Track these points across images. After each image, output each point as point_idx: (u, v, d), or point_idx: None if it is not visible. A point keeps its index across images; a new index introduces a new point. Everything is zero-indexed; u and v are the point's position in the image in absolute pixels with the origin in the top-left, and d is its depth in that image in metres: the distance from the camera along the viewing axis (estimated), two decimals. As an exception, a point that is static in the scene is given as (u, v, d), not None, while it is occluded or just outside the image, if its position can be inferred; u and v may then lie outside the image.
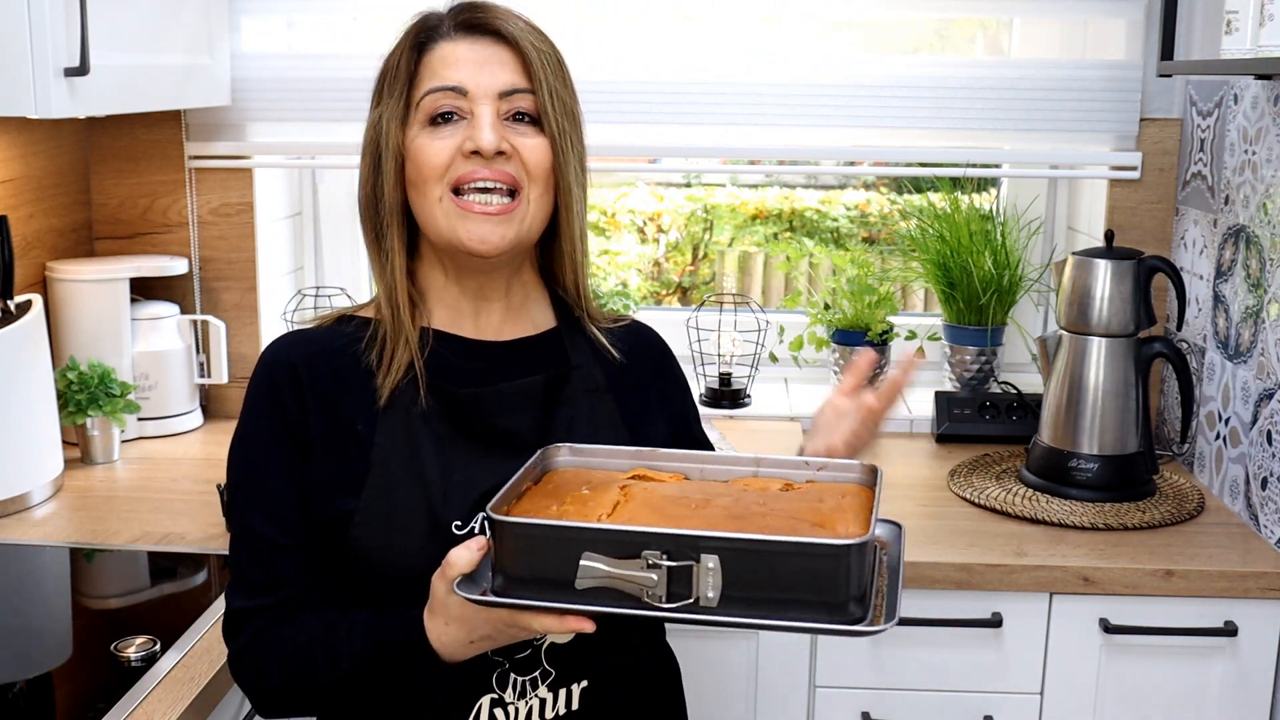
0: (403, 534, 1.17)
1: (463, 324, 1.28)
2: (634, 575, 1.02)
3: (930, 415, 2.33)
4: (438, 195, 1.20)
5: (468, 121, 1.20)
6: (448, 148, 1.19)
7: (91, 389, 2.03)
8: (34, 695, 1.39)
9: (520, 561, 1.05)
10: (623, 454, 1.22)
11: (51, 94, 1.64)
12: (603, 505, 1.10)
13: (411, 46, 1.22)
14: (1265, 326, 1.86)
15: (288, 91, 2.28)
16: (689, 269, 3.38)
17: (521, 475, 1.15)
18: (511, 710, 1.20)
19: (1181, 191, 2.22)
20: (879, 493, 1.13)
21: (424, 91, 1.20)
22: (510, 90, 1.21)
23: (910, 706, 1.81)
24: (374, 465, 1.19)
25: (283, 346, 1.25)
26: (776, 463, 1.22)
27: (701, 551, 1.01)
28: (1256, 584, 1.72)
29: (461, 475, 1.20)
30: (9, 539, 1.77)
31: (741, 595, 1.01)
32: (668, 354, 1.41)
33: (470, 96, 1.19)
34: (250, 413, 1.23)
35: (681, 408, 1.41)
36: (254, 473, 1.22)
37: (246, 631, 1.20)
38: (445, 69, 1.20)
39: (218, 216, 2.34)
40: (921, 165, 2.38)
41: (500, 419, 1.23)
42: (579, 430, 1.26)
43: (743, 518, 1.07)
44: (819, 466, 1.21)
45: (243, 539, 1.22)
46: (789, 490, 1.17)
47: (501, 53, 1.22)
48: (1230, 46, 1.72)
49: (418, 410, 1.21)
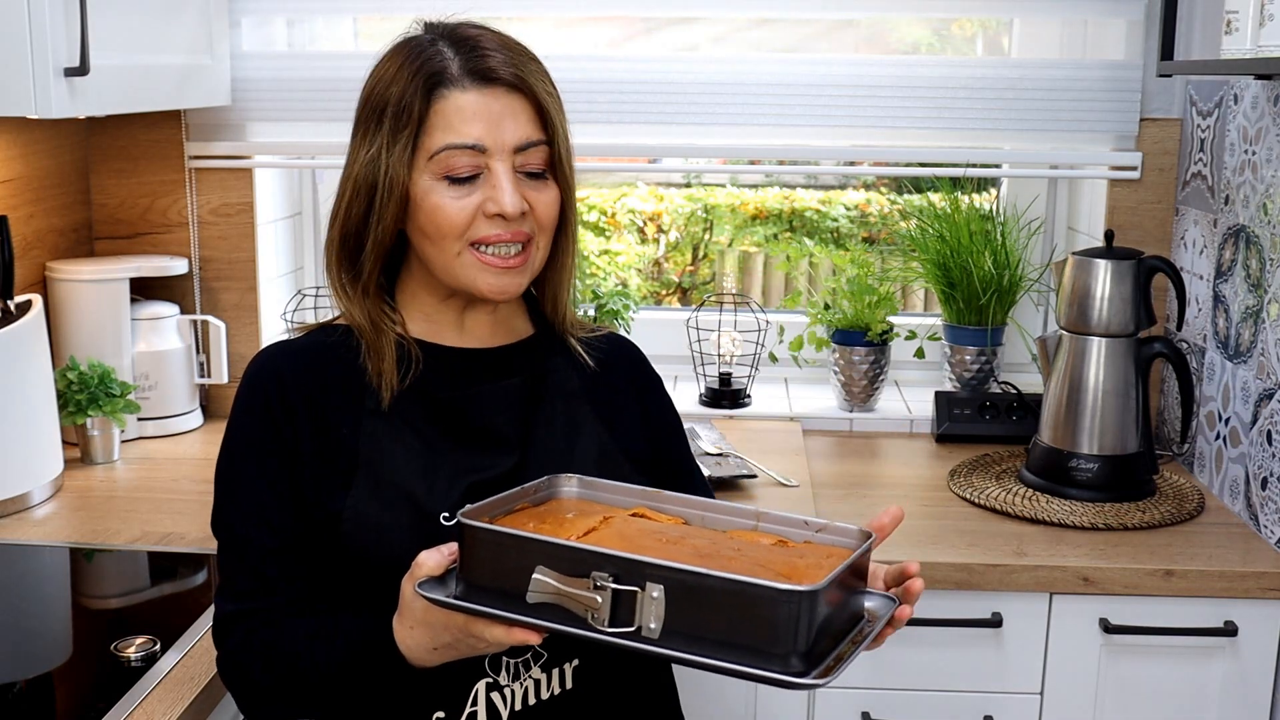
0: (391, 527, 1.20)
1: (444, 333, 1.30)
2: (580, 595, 1.01)
3: (930, 415, 2.33)
4: (456, 250, 1.22)
5: (483, 177, 1.21)
6: (468, 206, 1.20)
7: (91, 389, 2.03)
8: (34, 695, 1.39)
9: (481, 569, 1.06)
10: (630, 492, 1.23)
11: (51, 94, 1.64)
12: (577, 529, 1.11)
13: (421, 90, 1.20)
14: (1265, 326, 1.86)
15: (288, 91, 2.28)
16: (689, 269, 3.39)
17: (519, 493, 1.17)
18: (508, 693, 1.21)
19: (1181, 191, 2.22)
20: (857, 554, 1.07)
21: (440, 146, 1.19)
22: (526, 145, 1.22)
23: (910, 706, 1.81)
24: (360, 465, 1.21)
25: (267, 356, 1.27)
26: (777, 519, 1.19)
27: (648, 579, 1.00)
28: (1256, 584, 1.72)
29: (446, 470, 1.23)
30: (9, 539, 1.77)
31: (684, 630, 0.99)
32: (650, 373, 1.42)
33: (488, 153, 1.20)
34: (237, 420, 1.26)
35: (666, 434, 1.41)
36: (241, 478, 1.24)
37: (235, 635, 1.22)
38: (462, 124, 1.19)
39: (218, 216, 2.34)
40: (921, 165, 2.38)
41: (482, 419, 1.26)
42: (559, 428, 1.28)
43: (709, 558, 1.05)
44: (818, 528, 1.17)
45: (229, 545, 1.24)
46: (780, 545, 1.14)
47: (515, 103, 1.22)
48: (1230, 46, 1.72)
49: (401, 412, 1.24)
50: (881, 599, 1.12)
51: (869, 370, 2.35)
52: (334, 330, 1.29)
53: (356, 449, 1.22)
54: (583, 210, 3.28)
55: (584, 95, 2.24)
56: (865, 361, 2.34)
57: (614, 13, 2.34)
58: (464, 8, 2.39)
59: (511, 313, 1.35)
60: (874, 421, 2.36)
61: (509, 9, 2.26)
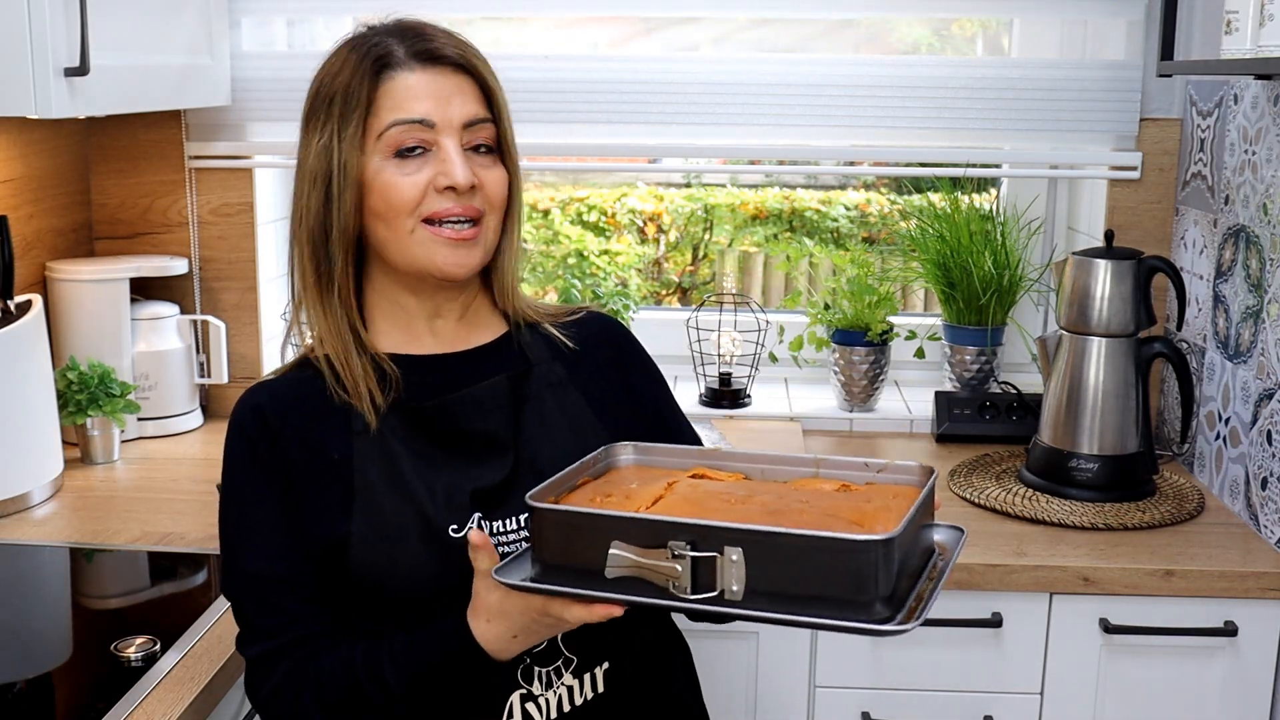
0: (401, 547, 1.19)
1: (418, 342, 1.29)
2: (659, 565, 1.02)
3: (930, 415, 2.33)
4: (410, 228, 1.21)
5: (433, 154, 1.21)
6: (419, 182, 1.21)
7: (91, 389, 2.03)
8: (34, 695, 1.39)
9: (555, 550, 1.07)
10: (688, 453, 1.24)
11: (51, 94, 1.64)
12: (645, 498, 1.11)
13: (368, 74, 1.21)
14: (1265, 326, 1.86)
15: (288, 91, 2.28)
16: (689, 269, 3.39)
17: (578, 468, 1.17)
18: (542, 702, 1.21)
19: (1181, 191, 2.22)
20: (925, 492, 1.10)
21: (388, 123, 1.20)
22: (473, 121, 1.23)
23: (910, 706, 1.81)
24: (358, 489, 1.21)
25: (249, 397, 1.27)
26: (836, 464, 1.21)
27: (725, 544, 1.01)
28: (1256, 584, 1.72)
29: (444, 482, 1.22)
30: (9, 539, 1.77)
31: (766, 590, 1.01)
32: (629, 341, 1.41)
33: (436, 129, 1.21)
34: (229, 463, 1.26)
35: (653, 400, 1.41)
36: (243, 518, 1.23)
37: (275, 676, 1.20)
38: (410, 101, 1.21)
39: (218, 216, 2.34)
40: (921, 165, 2.38)
41: (470, 423, 1.25)
42: (551, 423, 1.28)
43: (779, 514, 1.06)
44: (879, 468, 1.19)
45: (246, 589, 1.23)
46: (845, 490, 1.15)
47: (463, 83, 1.23)
48: (1230, 46, 1.72)
49: (390, 429, 1.23)
50: (947, 530, 1.14)
51: (869, 370, 2.35)
52: (310, 364, 1.28)
53: (351, 474, 1.21)
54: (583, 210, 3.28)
55: (584, 95, 2.24)
56: (865, 361, 2.34)
57: (614, 13, 2.34)
58: (463, 8, 2.40)
59: (480, 312, 1.33)
60: (874, 421, 2.36)
61: (509, 9, 2.26)
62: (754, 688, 1.83)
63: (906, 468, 1.18)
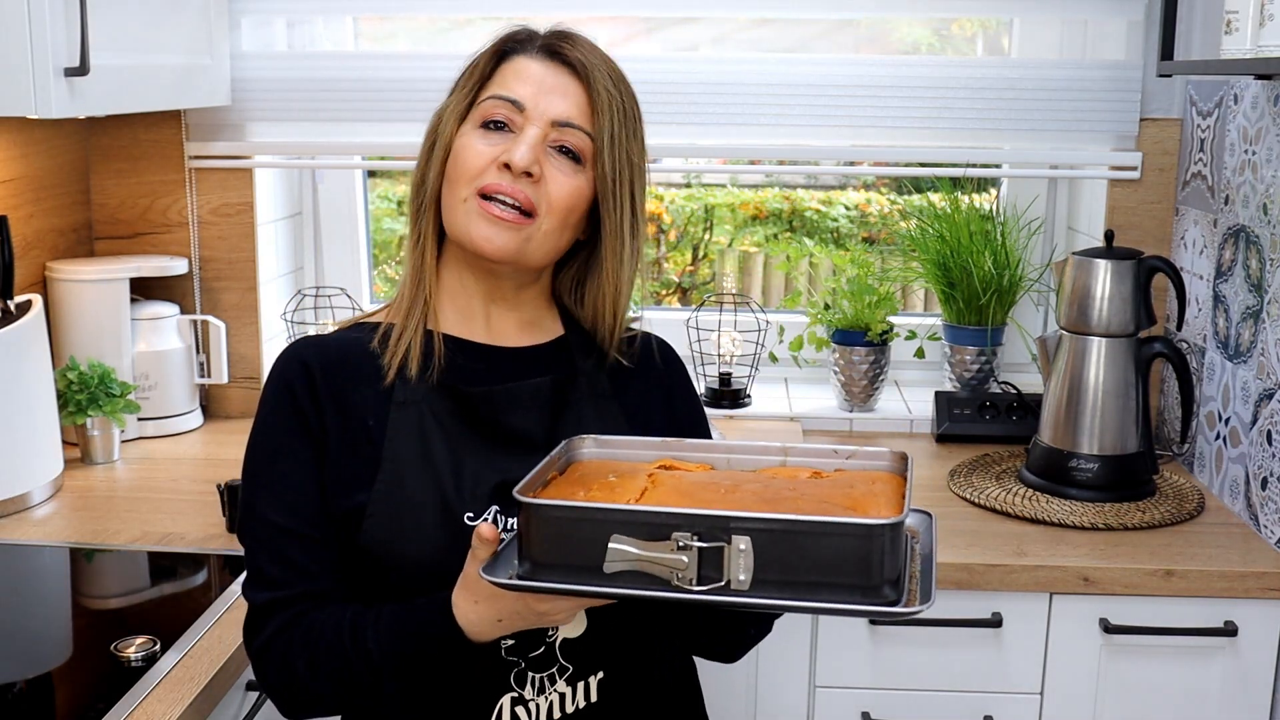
0: (415, 525, 1.19)
1: (474, 329, 1.30)
2: (664, 558, 1.01)
3: (930, 415, 2.33)
4: (463, 196, 1.22)
5: (514, 136, 1.22)
6: (487, 154, 1.22)
7: (91, 389, 2.03)
8: (34, 695, 1.39)
9: (548, 546, 1.05)
10: (648, 445, 1.23)
11: (51, 94, 1.64)
12: (630, 491, 1.10)
13: (495, 53, 1.26)
14: (1265, 326, 1.86)
15: (288, 91, 2.28)
16: (689, 269, 3.38)
17: (546, 465, 1.16)
18: (533, 707, 1.21)
19: (1181, 191, 2.22)
20: (911, 479, 1.12)
21: (486, 96, 1.24)
22: (565, 122, 1.23)
23: (910, 706, 1.81)
24: (385, 460, 1.21)
25: (297, 348, 1.27)
26: (804, 451, 1.21)
27: (733, 533, 1.00)
28: (1256, 584, 1.72)
29: (471, 469, 1.22)
30: (9, 539, 1.77)
31: (774, 578, 1.00)
32: (679, 372, 1.41)
33: (526, 114, 1.22)
34: (265, 410, 1.25)
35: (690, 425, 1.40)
36: (271, 466, 1.23)
37: (270, 626, 1.20)
38: (514, 81, 1.24)
39: (218, 216, 2.34)
40: (921, 165, 2.38)
41: (509, 417, 1.25)
42: (586, 431, 1.27)
43: (774, 501, 1.06)
44: (847, 455, 1.20)
45: (260, 535, 1.22)
46: (818, 478, 1.16)
47: (570, 84, 1.25)
48: (1230, 46, 1.72)
49: (429, 407, 1.23)
50: (916, 514, 1.16)
51: (869, 370, 2.35)
52: (364, 327, 1.29)
53: (381, 444, 1.21)
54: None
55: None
56: (865, 361, 2.34)
57: (614, 13, 2.34)
58: (463, 9, 2.40)
59: (539, 312, 1.33)
60: (874, 421, 2.36)
61: (509, 10, 2.26)
62: (754, 688, 1.83)
63: (876, 453, 1.19)
